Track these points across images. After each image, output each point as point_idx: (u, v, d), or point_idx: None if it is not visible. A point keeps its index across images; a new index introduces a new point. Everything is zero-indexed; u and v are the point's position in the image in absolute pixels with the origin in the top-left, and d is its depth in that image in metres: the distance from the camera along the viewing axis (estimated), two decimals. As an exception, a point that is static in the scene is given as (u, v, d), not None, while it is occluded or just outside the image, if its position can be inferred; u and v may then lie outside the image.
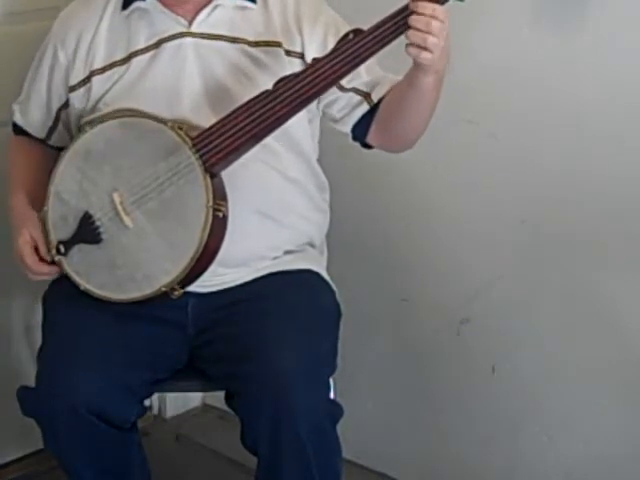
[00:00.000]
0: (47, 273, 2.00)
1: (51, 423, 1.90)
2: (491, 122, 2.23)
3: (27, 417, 1.93)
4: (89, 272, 1.94)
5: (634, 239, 2.10)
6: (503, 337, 2.32)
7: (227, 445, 2.62)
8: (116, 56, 2.02)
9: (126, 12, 2.02)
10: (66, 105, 2.09)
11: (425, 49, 1.78)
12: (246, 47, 2.01)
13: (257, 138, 1.89)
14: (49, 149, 2.15)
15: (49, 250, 1.97)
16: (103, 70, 2.03)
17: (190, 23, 2.01)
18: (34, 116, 2.14)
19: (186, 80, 1.99)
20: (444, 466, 2.48)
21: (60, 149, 2.07)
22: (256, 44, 2.00)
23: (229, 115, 1.88)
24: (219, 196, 1.88)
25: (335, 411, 1.93)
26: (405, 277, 2.45)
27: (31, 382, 1.91)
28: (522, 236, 2.25)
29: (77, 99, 2.06)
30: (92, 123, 1.97)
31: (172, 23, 2.01)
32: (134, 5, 2.01)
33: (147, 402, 2.18)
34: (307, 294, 2.01)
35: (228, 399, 1.96)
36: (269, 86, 1.91)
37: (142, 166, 1.90)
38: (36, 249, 1.99)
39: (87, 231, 1.93)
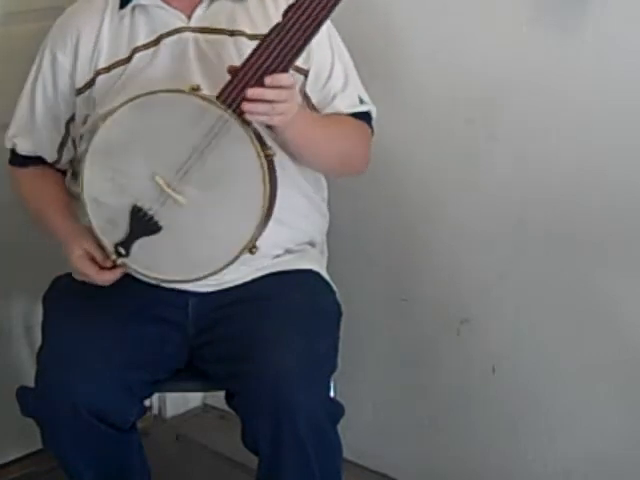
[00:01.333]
0: (112, 279, 1.95)
1: (50, 423, 1.90)
2: (491, 122, 2.23)
3: (27, 417, 1.93)
4: (159, 263, 1.89)
5: (634, 239, 2.10)
6: (503, 337, 2.32)
7: (227, 445, 2.62)
8: (120, 54, 2.02)
9: (125, 10, 2.02)
10: (73, 118, 2.08)
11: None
12: (244, 39, 2.00)
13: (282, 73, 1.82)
14: (60, 173, 2.12)
15: (108, 256, 1.92)
16: (108, 69, 2.02)
17: (189, 18, 2.01)
18: (42, 135, 2.10)
19: (187, 75, 1.99)
20: (444, 466, 2.48)
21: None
22: (254, 37, 2.00)
23: (248, 60, 1.81)
24: (263, 141, 1.84)
25: (335, 411, 1.93)
26: (405, 277, 2.45)
27: (31, 382, 1.91)
28: (522, 236, 2.25)
29: (83, 101, 2.04)
30: (102, 118, 1.90)
31: (171, 18, 2.01)
32: (133, 2, 2.01)
33: (147, 402, 2.18)
34: (307, 294, 2.01)
35: (228, 399, 1.96)
36: None
37: (175, 141, 1.83)
38: (93, 259, 1.95)
39: (142, 224, 1.87)
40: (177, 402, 2.87)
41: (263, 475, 1.92)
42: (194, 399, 2.92)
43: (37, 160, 2.13)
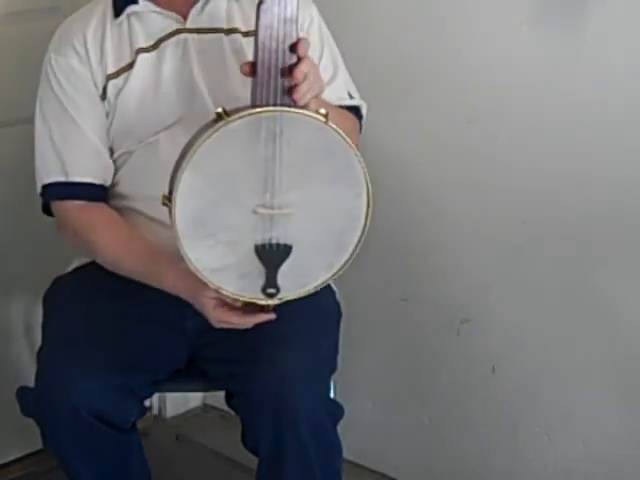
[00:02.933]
0: (261, 319, 1.86)
1: (50, 424, 1.89)
2: (491, 122, 2.23)
3: (27, 417, 1.93)
4: (309, 274, 1.81)
5: (634, 239, 2.10)
6: (503, 337, 2.32)
7: (227, 445, 2.62)
8: (124, 59, 2.01)
9: (120, 19, 2.01)
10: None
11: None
12: (239, 37, 2.01)
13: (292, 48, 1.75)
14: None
15: (263, 308, 1.84)
16: (117, 74, 2.01)
17: (185, 19, 2.01)
18: (101, 156, 2.02)
19: (192, 75, 1.99)
20: (444, 466, 2.48)
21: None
22: (248, 34, 1.99)
23: (257, 55, 1.73)
24: (310, 109, 1.76)
25: (336, 411, 1.93)
26: (405, 277, 2.45)
27: (31, 382, 1.91)
28: (522, 236, 2.25)
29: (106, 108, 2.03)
30: (168, 203, 1.75)
31: (168, 21, 2.01)
32: (128, 10, 2.01)
33: (147, 402, 2.18)
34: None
35: (228, 399, 1.96)
36: None
37: (247, 168, 1.74)
38: (225, 303, 1.86)
39: (273, 256, 1.78)
40: (177, 402, 2.88)
41: (263, 476, 1.92)
42: (194, 399, 2.92)
43: (86, 190, 2.03)
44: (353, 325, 2.22)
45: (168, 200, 1.75)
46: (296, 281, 1.81)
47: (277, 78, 1.73)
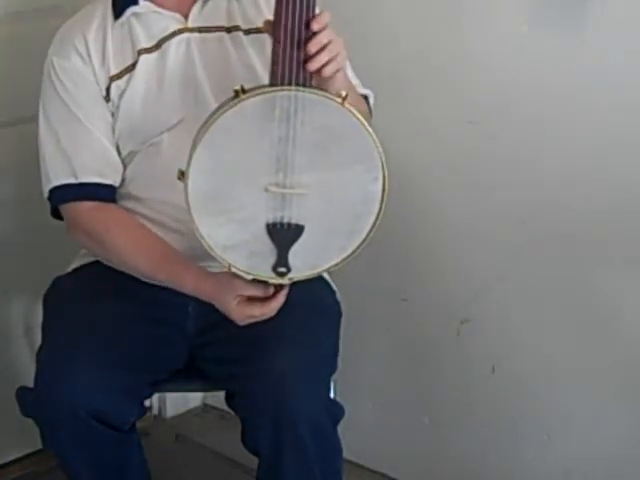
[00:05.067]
0: (279, 305, 1.87)
1: (49, 424, 1.89)
2: (492, 123, 2.23)
3: (26, 417, 1.93)
4: (321, 255, 1.81)
5: (634, 239, 2.10)
6: (503, 337, 2.32)
7: (227, 445, 2.62)
8: (127, 61, 2.00)
9: (121, 20, 2.00)
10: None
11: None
12: (241, 35, 2.01)
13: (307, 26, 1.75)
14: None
15: (272, 285, 1.85)
16: (120, 75, 2.00)
17: (186, 18, 2.01)
18: (110, 155, 2.01)
19: (195, 75, 1.99)
20: (444, 466, 2.48)
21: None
22: (248, 32, 2.00)
23: (278, 29, 1.73)
24: (329, 92, 1.77)
25: (336, 411, 1.93)
26: (405, 277, 2.45)
27: (31, 382, 1.91)
28: (522, 236, 2.25)
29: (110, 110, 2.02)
30: (182, 178, 1.75)
31: (169, 21, 2.01)
32: (129, 11, 2.00)
33: (147, 402, 2.18)
34: (307, 294, 2.00)
35: (228, 399, 1.96)
36: (266, 72, 1.91)
37: (260, 146, 1.73)
38: (251, 298, 1.86)
39: (285, 235, 1.78)
40: (177, 402, 2.88)
41: (263, 476, 1.92)
42: (194, 399, 2.92)
43: (97, 191, 2.01)
44: (353, 325, 2.22)
45: (182, 175, 1.75)
46: (307, 262, 1.81)
47: (294, 51, 1.73)
